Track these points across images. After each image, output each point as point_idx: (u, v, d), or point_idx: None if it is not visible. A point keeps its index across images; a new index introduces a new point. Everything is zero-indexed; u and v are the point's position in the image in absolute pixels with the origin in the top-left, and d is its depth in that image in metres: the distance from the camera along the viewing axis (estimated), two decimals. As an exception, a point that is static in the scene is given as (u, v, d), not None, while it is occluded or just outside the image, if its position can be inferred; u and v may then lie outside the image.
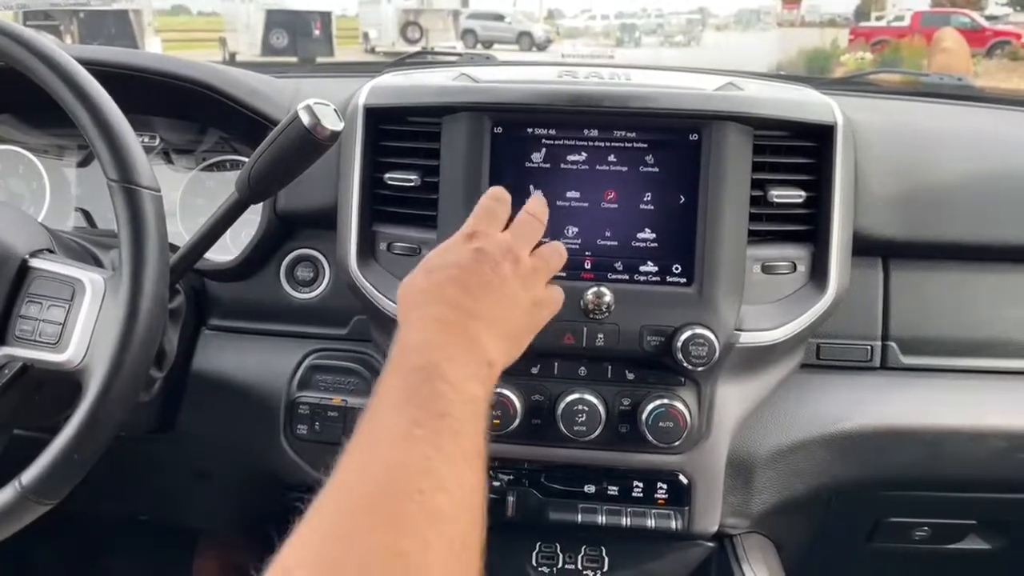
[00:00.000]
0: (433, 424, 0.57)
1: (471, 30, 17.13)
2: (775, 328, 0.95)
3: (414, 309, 0.69)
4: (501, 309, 0.71)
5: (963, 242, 1.03)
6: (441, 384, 0.60)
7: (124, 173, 0.75)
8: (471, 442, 0.59)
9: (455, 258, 0.73)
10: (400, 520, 0.50)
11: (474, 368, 0.64)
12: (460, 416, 0.59)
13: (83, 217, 1.22)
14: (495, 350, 0.68)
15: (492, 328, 0.69)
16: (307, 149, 0.83)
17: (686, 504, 0.97)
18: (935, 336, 1.04)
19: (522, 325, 0.74)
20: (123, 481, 1.22)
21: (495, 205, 0.81)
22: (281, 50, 10.23)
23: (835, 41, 13.57)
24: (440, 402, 0.59)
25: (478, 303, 0.69)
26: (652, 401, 0.93)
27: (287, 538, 0.49)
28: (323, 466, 0.55)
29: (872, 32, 14.22)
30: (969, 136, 1.11)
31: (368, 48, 14.89)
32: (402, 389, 0.61)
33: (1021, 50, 11.90)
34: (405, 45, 14.61)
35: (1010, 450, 1.00)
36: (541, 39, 17.57)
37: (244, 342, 1.09)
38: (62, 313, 0.79)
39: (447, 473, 0.54)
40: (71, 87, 0.75)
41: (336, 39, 12.27)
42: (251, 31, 11.72)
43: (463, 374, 0.63)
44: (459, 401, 0.60)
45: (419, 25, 15.86)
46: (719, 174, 0.92)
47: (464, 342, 0.66)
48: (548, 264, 0.80)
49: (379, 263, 1.01)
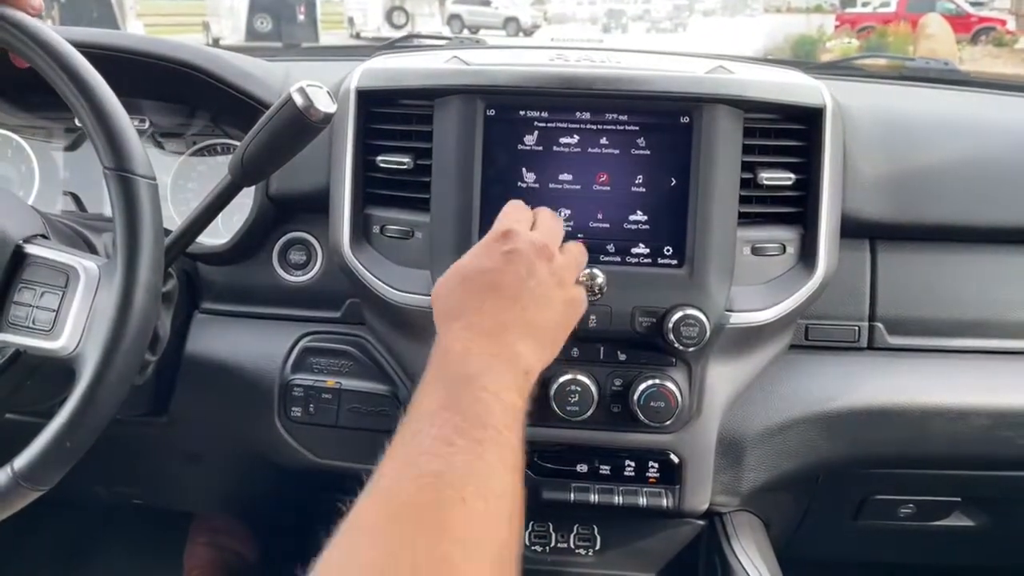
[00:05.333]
0: (475, 434, 0.59)
1: (457, 15, 17.05)
2: (765, 309, 0.96)
3: (453, 319, 0.70)
4: (536, 313, 0.72)
5: (949, 224, 1.04)
6: (482, 393, 0.62)
7: (120, 161, 0.75)
8: (511, 450, 0.60)
9: (490, 264, 0.74)
10: (444, 527, 0.52)
11: (512, 377, 0.66)
12: (499, 426, 0.61)
13: (72, 201, 1.21)
14: (532, 356, 0.70)
15: (529, 335, 0.70)
16: (300, 131, 0.83)
17: (677, 483, 0.98)
18: (921, 317, 1.05)
19: (557, 326, 0.76)
20: (115, 465, 1.22)
21: (518, 209, 0.83)
22: (265, 35, 10.10)
23: (821, 27, 13.60)
24: (481, 411, 0.61)
25: (514, 311, 0.70)
26: (644, 381, 0.94)
27: (329, 539, 0.51)
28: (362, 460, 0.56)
29: (858, 18, 14.26)
30: (955, 120, 1.13)
31: (353, 33, 14.78)
32: (443, 398, 0.62)
33: (1006, 36, 11.98)
34: (391, 30, 14.51)
35: (994, 428, 1.02)
36: (528, 25, 17.50)
37: (237, 325, 1.09)
38: (56, 300, 0.79)
39: (488, 482, 0.56)
40: (67, 73, 0.74)
41: (321, 24, 12.16)
42: (235, 15, 11.58)
43: (502, 384, 0.64)
44: (499, 410, 0.62)
45: (405, 10, 15.74)
46: (710, 156, 0.93)
47: (503, 351, 0.67)
48: (577, 260, 0.82)
49: (372, 246, 1.01)
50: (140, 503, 1.43)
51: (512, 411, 0.63)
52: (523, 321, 0.70)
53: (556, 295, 0.75)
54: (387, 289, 0.98)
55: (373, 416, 1.02)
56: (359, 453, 0.90)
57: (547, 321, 0.73)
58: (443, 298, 0.74)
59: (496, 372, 0.65)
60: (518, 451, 0.62)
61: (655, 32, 19.39)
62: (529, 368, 0.69)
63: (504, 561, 0.54)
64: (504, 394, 0.64)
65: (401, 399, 1.03)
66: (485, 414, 0.61)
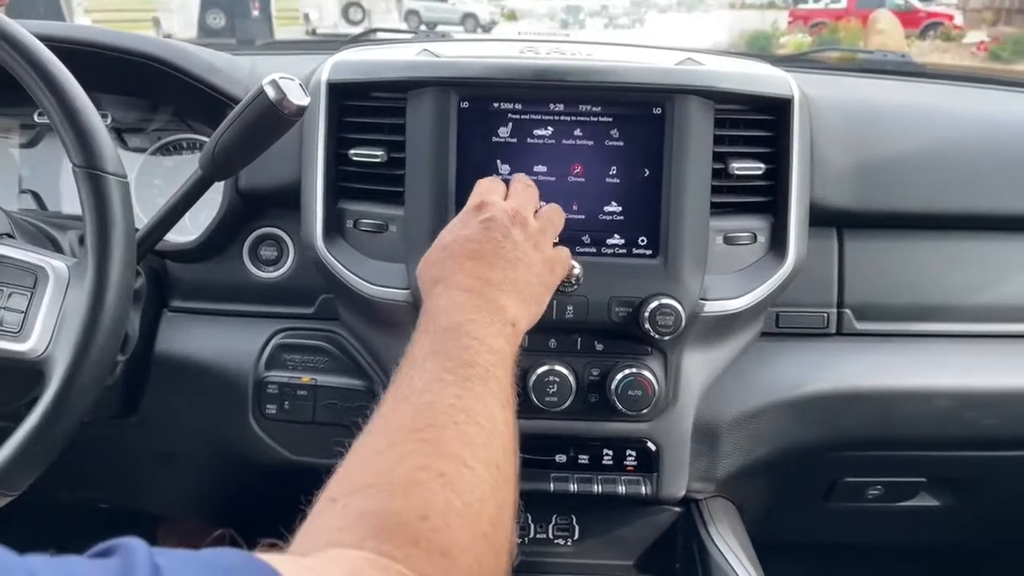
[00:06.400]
0: (462, 371, 0.61)
1: (415, 11, 16.93)
2: (738, 297, 0.97)
3: (436, 283, 0.72)
4: (517, 273, 0.74)
5: (913, 212, 1.07)
6: (467, 340, 0.64)
7: (90, 159, 0.74)
8: (498, 385, 0.63)
9: (467, 232, 0.76)
10: (438, 445, 0.54)
11: (498, 327, 0.68)
12: (486, 364, 0.63)
13: (33, 199, 1.18)
14: (516, 310, 0.71)
15: (511, 293, 0.72)
16: (273, 124, 0.82)
17: (655, 470, 1.00)
18: (887, 302, 1.08)
19: (539, 285, 0.78)
20: (83, 468, 1.19)
21: (493, 182, 0.85)
22: (218, 31, 9.91)
23: (775, 23, 13.82)
24: (467, 354, 0.63)
25: (495, 271, 0.72)
26: (621, 371, 0.95)
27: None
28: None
29: (810, 14, 14.51)
30: (915, 110, 1.15)
31: (309, 29, 14.57)
32: (431, 345, 0.64)
33: (953, 31, 12.30)
34: (347, 26, 14.37)
35: (958, 409, 1.05)
36: (486, 20, 17.47)
37: (208, 323, 1.08)
38: (24, 301, 0.77)
39: (478, 409, 0.58)
40: (34, 67, 0.73)
41: (276, 20, 11.98)
42: (186, 11, 11.35)
43: (488, 332, 0.66)
44: (485, 352, 0.64)
45: (361, 6, 15.61)
46: (682, 147, 0.94)
47: (486, 304, 0.69)
48: (553, 223, 0.84)
49: (346, 240, 1.00)
50: (106, 507, 1.40)
51: (499, 355, 0.65)
52: (504, 279, 0.72)
53: (534, 257, 0.77)
54: (362, 283, 0.97)
55: (350, 411, 1.02)
56: (336, 450, 0.89)
57: (528, 281, 0.75)
58: (426, 269, 0.76)
59: (481, 323, 0.67)
60: (508, 390, 0.64)
61: (612, 28, 19.50)
62: (515, 320, 0.71)
63: (497, 473, 0.56)
64: (490, 340, 0.66)
65: (377, 394, 1.02)
66: (472, 357, 0.63)
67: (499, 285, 0.71)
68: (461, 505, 0.51)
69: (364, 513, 0.49)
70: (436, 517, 0.49)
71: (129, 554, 0.35)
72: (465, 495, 0.52)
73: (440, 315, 0.68)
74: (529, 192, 0.85)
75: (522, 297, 0.73)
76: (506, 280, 0.72)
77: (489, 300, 0.70)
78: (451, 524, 0.49)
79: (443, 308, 0.68)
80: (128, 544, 0.36)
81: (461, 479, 0.52)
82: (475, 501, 0.52)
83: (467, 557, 0.49)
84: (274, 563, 0.39)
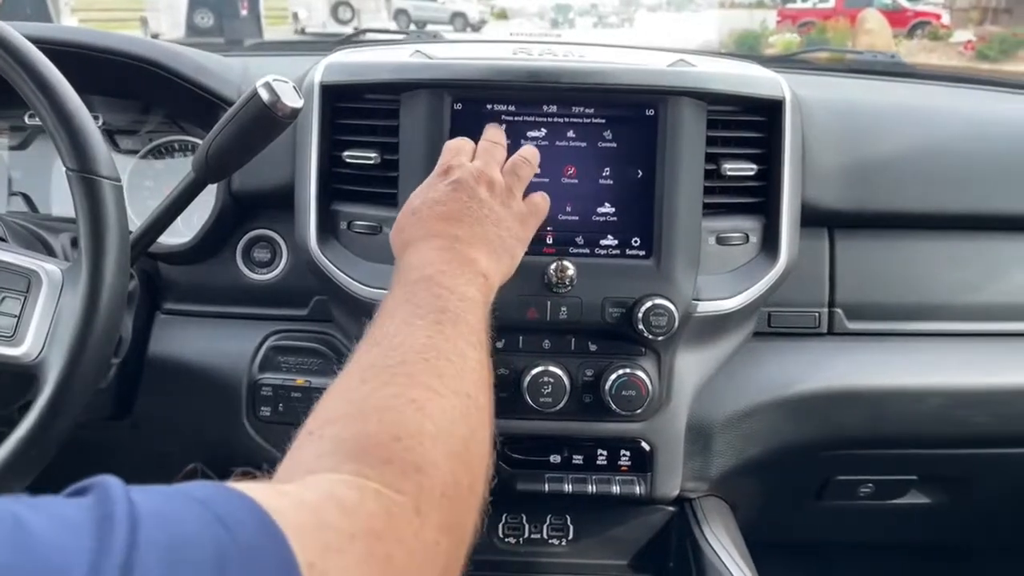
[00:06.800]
0: (432, 316, 0.62)
1: (404, 10, 16.88)
2: (731, 297, 0.98)
3: (408, 245, 0.74)
4: (485, 229, 0.75)
5: (903, 211, 1.08)
6: (438, 289, 0.66)
7: (83, 162, 0.73)
8: (468, 328, 0.64)
9: (435, 195, 0.77)
10: (410, 377, 0.56)
11: (469, 277, 0.69)
12: (456, 310, 0.64)
13: (23, 202, 1.17)
14: (487, 262, 0.73)
15: (481, 247, 0.73)
16: (267, 126, 0.82)
17: (648, 470, 1.00)
18: (878, 302, 1.09)
19: (510, 238, 0.78)
20: (73, 470, 1.19)
21: (460, 142, 0.86)
22: (206, 31, 9.86)
23: (764, 22, 13.83)
24: (438, 302, 0.64)
25: (462, 228, 0.73)
26: (615, 371, 0.96)
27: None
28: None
29: (799, 14, 14.54)
30: (905, 111, 1.16)
31: (298, 29, 14.51)
32: (402, 296, 0.66)
33: (941, 30, 12.37)
34: (336, 26, 14.31)
35: (948, 407, 1.06)
36: (475, 20, 17.45)
37: (201, 326, 1.08)
38: (17, 305, 0.77)
39: (449, 348, 0.60)
40: (26, 70, 0.72)
41: (265, 19, 11.93)
42: (174, 11, 11.28)
43: (459, 282, 0.68)
44: (455, 299, 0.65)
45: (350, 5, 15.54)
46: (675, 148, 0.95)
47: (456, 257, 0.70)
48: (519, 176, 0.85)
49: (340, 242, 1.00)
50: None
51: (470, 302, 0.67)
52: (473, 235, 0.74)
53: (503, 213, 0.79)
54: (356, 285, 0.97)
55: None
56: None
57: (498, 235, 0.76)
58: (397, 233, 0.77)
59: (451, 274, 0.68)
60: (480, 333, 0.65)
61: (602, 27, 19.49)
62: (486, 272, 0.72)
63: (469, 401, 0.57)
64: (461, 289, 0.67)
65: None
66: (444, 304, 0.64)
67: (468, 241, 0.73)
68: (433, 428, 0.53)
69: (340, 440, 0.51)
70: (409, 438, 0.51)
71: (105, 491, 0.36)
72: (436, 418, 0.54)
73: (411, 270, 0.69)
74: (495, 150, 0.86)
75: (492, 250, 0.74)
76: (474, 236, 0.74)
77: (459, 254, 0.71)
78: (424, 443, 0.51)
79: (414, 264, 0.70)
80: (104, 481, 0.37)
81: (432, 404, 0.54)
82: (447, 423, 0.54)
83: (441, 472, 0.51)
84: (250, 491, 0.40)
